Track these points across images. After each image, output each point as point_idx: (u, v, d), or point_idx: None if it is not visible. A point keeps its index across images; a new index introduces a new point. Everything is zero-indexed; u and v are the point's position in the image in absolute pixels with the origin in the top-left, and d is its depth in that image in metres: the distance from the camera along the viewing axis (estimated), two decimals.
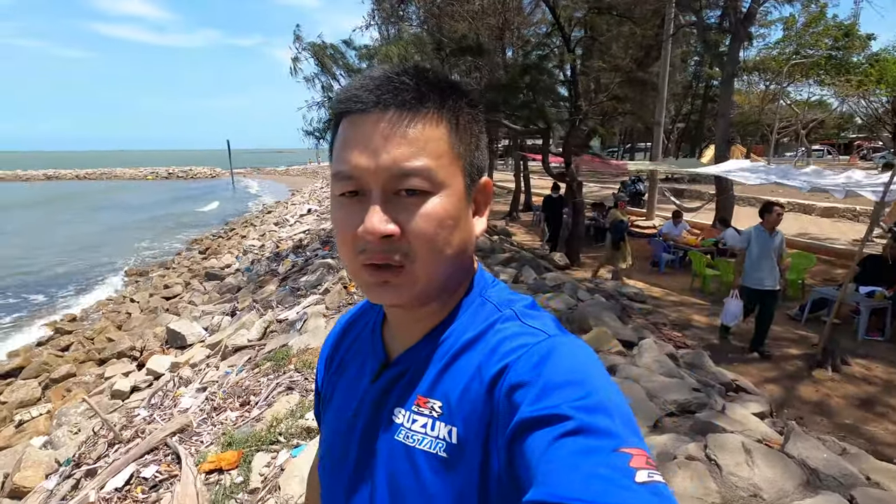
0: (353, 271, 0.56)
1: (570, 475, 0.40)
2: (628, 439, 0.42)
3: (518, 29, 13.82)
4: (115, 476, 3.14)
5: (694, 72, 25.23)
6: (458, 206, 0.55)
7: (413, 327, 0.61)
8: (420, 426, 0.55)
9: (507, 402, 0.49)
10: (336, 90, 9.31)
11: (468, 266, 0.61)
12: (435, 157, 0.53)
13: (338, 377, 0.71)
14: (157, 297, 10.35)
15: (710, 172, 8.63)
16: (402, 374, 0.60)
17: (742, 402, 3.42)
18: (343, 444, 0.63)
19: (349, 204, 0.54)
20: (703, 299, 7.22)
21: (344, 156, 0.53)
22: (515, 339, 0.54)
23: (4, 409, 5.96)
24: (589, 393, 0.45)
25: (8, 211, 27.38)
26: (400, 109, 0.52)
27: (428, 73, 0.56)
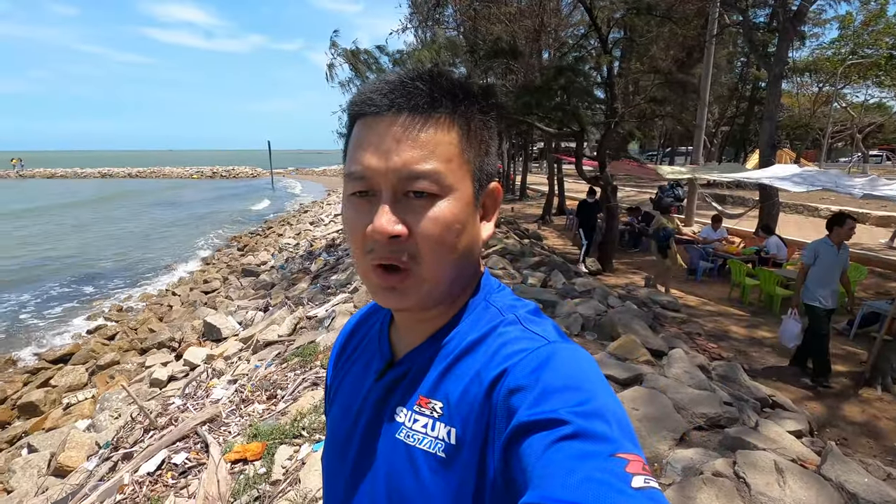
0: (363, 272, 0.57)
1: (566, 479, 0.40)
2: (625, 445, 0.43)
3: (555, 31, 13.69)
4: (148, 461, 3.29)
5: (740, 73, 24.26)
6: (465, 210, 0.56)
7: (418, 328, 0.62)
8: (421, 426, 0.56)
9: (505, 405, 0.49)
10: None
11: (474, 270, 0.62)
12: (444, 161, 0.54)
13: (344, 374, 0.72)
14: (196, 291, 10.78)
15: (750, 178, 8.25)
16: (405, 373, 0.61)
17: (778, 419, 3.25)
18: (346, 438, 0.64)
19: (360, 204, 0.56)
20: (741, 310, 6.93)
21: (357, 156, 0.55)
22: (515, 343, 0.54)
23: (55, 392, 6.33)
24: (587, 399, 0.46)
25: (78, 207, 28.74)
26: (412, 113, 0.54)
27: (442, 78, 0.57)
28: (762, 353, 5.50)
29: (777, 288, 6.68)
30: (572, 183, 22.28)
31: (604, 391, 0.48)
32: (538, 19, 12.34)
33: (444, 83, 0.56)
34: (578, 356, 0.52)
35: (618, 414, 0.46)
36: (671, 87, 9.13)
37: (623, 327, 4.40)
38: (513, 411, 0.48)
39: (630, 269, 9.17)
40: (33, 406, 5.95)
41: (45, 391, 6.29)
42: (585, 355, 0.53)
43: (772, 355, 5.42)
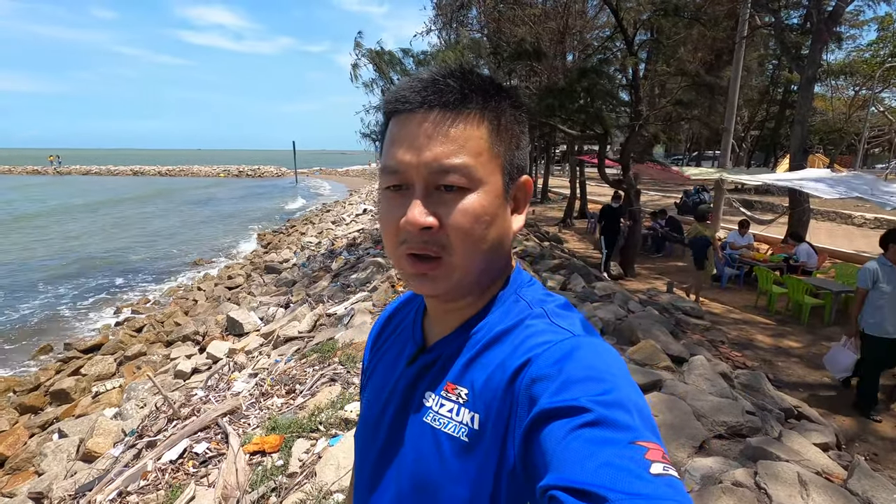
0: (396, 260, 0.60)
1: (584, 463, 0.41)
2: (645, 434, 0.43)
3: (580, 33, 13.56)
4: (170, 449, 3.38)
5: (771, 76, 23.61)
6: (495, 203, 0.57)
7: (449, 317, 0.64)
8: (447, 410, 0.58)
9: (527, 394, 0.51)
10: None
11: (504, 262, 0.64)
12: (474, 156, 0.56)
13: (379, 358, 0.76)
14: (220, 287, 11.03)
15: (780, 182, 8.02)
16: (435, 360, 0.64)
17: (803, 430, 3.16)
18: (377, 419, 0.68)
19: (394, 197, 0.58)
20: (768, 318, 6.74)
21: (391, 152, 0.58)
22: (541, 335, 0.55)
23: (84, 380, 6.56)
24: (609, 389, 0.46)
25: (119, 204, 29.40)
26: (443, 110, 0.56)
27: (473, 75, 0.59)
28: (789, 363, 5.35)
29: (806, 297, 6.48)
30: (594, 186, 22.03)
31: (626, 383, 0.49)
32: (563, 21, 12.24)
33: (476, 80, 0.58)
34: (602, 350, 0.53)
35: (639, 405, 0.46)
36: (699, 90, 8.94)
37: (643, 332, 4.34)
38: (534, 400, 0.49)
39: (653, 275, 9.03)
40: (65, 393, 6.18)
41: (75, 379, 6.52)
42: (610, 349, 0.53)
43: (799, 366, 5.27)
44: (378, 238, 11.14)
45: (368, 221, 15.80)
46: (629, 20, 8.51)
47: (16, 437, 5.19)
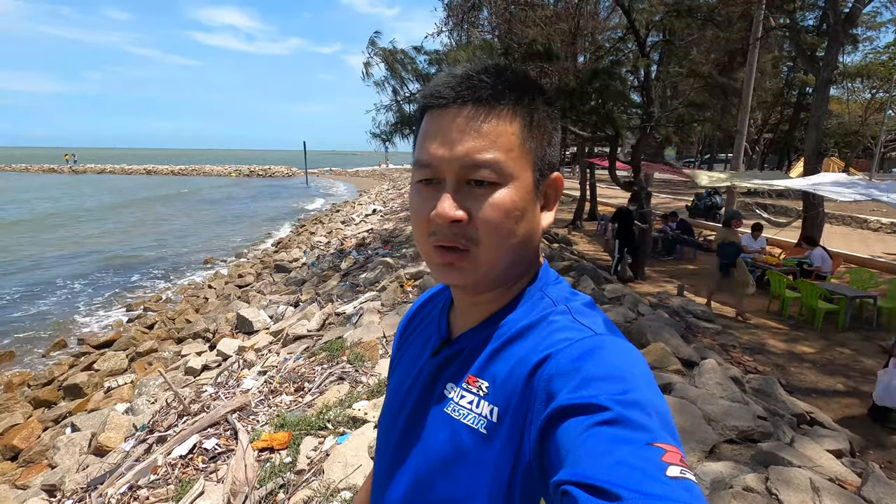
0: (425, 252, 0.61)
1: (599, 460, 0.40)
2: (663, 436, 0.43)
3: (591, 34, 13.49)
4: (181, 444, 3.41)
5: (786, 78, 23.32)
6: (525, 198, 0.58)
7: (474, 311, 0.65)
8: (467, 402, 0.59)
9: (545, 389, 0.51)
10: (404, 93, 9.54)
11: (532, 258, 0.64)
12: (505, 151, 0.56)
13: (406, 347, 0.77)
14: (231, 285, 11.12)
15: (793, 186, 7.91)
16: (458, 352, 0.64)
17: (815, 436, 3.11)
18: (400, 407, 0.69)
19: (425, 190, 0.59)
20: (780, 323, 6.66)
21: (424, 146, 0.59)
22: (562, 332, 0.56)
23: (97, 376, 6.65)
24: (628, 389, 0.46)
25: (143, 205, 29.29)
26: (476, 105, 0.56)
27: (507, 71, 0.60)
28: (801, 368, 5.28)
29: (820, 302, 6.39)
30: (604, 188, 21.91)
31: (647, 384, 0.48)
32: (574, 23, 12.19)
33: (510, 76, 0.59)
34: (624, 350, 0.52)
35: (659, 407, 0.46)
36: (711, 92, 8.86)
37: (653, 335, 4.30)
38: (552, 395, 0.49)
39: (663, 278, 8.95)
40: (77, 388, 6.27)
41: (88, 374, 6.61)
42: (632, 350, 0.53)
43: (812, 371, 5.19)
44: (387, 238, 11.16)
45: (378, 222, 15.85)
46: (641, 21, 8.46)
47: (30, 430, 5.27)
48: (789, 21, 10.18)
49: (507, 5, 12.81)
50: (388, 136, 9.75)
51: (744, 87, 10.87)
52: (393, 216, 16.18)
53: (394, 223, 14.04)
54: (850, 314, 6.42)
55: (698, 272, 9.39)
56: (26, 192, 35.42)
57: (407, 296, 5.82)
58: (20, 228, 19.98)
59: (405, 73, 9.11)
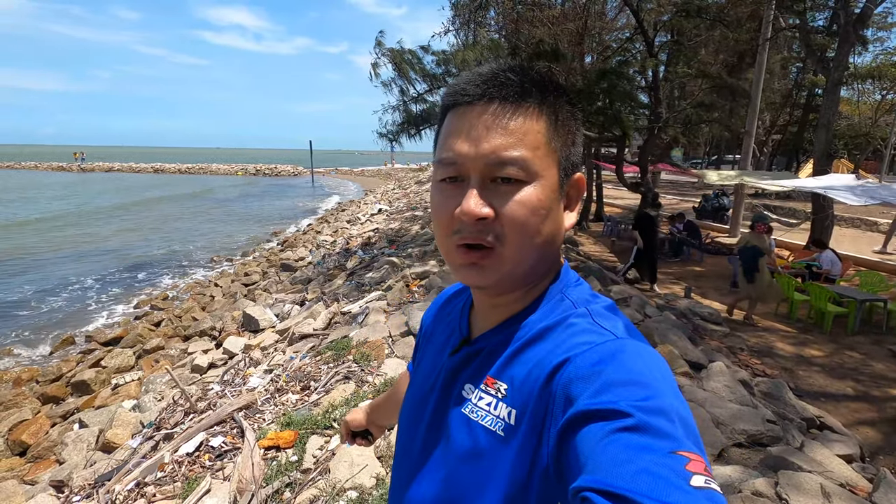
0: (446, 251, 0.60)
1: (621, 467, 0.39)
2: (687, 444, 0.42)
3: (598, 34, 13.44)
4: (187, 442, 3.43)
5: (795, 79, 23.13)
6: (550, 197, 0.58)
7: (494, 312, 0.65)
8: (485, 404, 0.58)
9: (564, 393, 0.50)
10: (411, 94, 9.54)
11: (554, 259, 0.64)
12: (532, 149, 0.56)
13: (427, 343, 0.78)
14: (237, 283, 11.16)
15: (803, 187, 7.84)
16: (477, 352, 0.64)
17: (826, 441, 3.08)
18: (421, 404, 0.70)
19: (449, 188, 0.59)
20: (789, 326, 6.59)
21: (449, 143, 0.58)
22: (581, 335, 0.55)
23: (105, 372, 6.69)
24: (651, 395, 0.45)
25: (156, 204, 28.53)
26: (503, 103, 0.56)
27: (532, 71, 0.59)
28: (810, 371, 5.22)
29: (829, 305, 6.33)
30: (610, 189, 21.82)
31: (670, 390, 0.47)
32: (581, 23, 12.15)
33: (535, 75, 0.59)
34: (646, 355, 0.51)
35: (682, 414, 0.45)
36: (720, 92, 8.80)
37: (660, 337, 4.28)
38: (572, 400, 0.48)
39: (670, 280, 8.89)
40: (85, 384, 6.31)
41: (96, 371, 6.65)
42: (654, 354, 0.52)
43: (821, 375, 5.14)
44: (393, 238, 11.17)
45: (383, 221, 15.87)
46: (650, 21, 8.42)
47: (38, 425, 5.31)
48: (799, 21, 10.09)
49: (514, 5, 12.79)
50: (394, 135, 9.76)
51: (752, 88, 10.79)
52: (398, 216, 16.18)
53: (399, 223, 14.04)
54: (859, 317, 6.35)
55: (705, 274, 9.33)
56: (37, 189, 35.56)
57: (413, 295, 5.81)
58: (33, 227, 19.99)
59: (413, 73, 9.11)
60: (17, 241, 17.05)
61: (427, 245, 9.08)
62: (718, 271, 9.27)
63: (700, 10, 7.85)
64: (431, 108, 9.48)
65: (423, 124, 9.60)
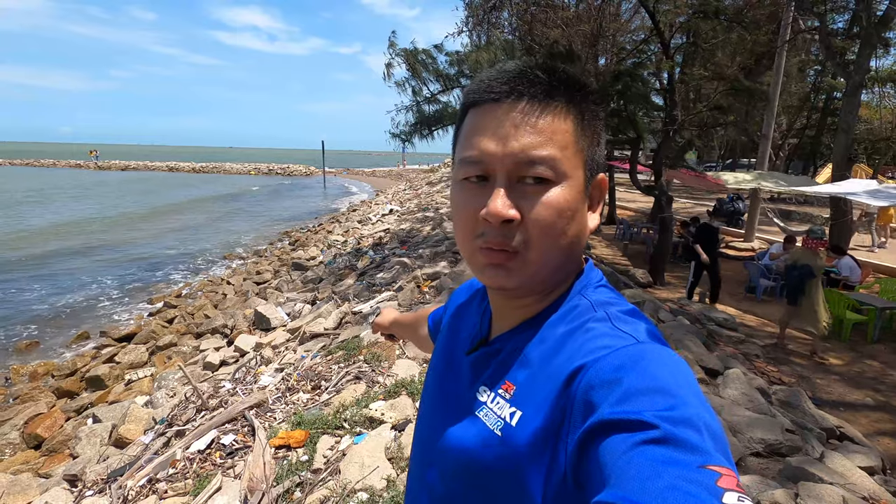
0: (468, 254, 0.59)
1: (648, 483, 0.37)
2: (717, 458, 0.39)
3: (613, 36, 13.35)
4: (199, 439, 3.44)
5: (813, 82, 22.75)
6: (577, 198, 0.56)
7: (512, 313, 0.63)
8: (497, 407, 0.57)
9: (584, 400, 0.48)
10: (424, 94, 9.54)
11: (577, 261, 0.62)
12: (560, 149, 0.54)
13: (445, 339, 0.77)
14: (249, 282, 11.25)
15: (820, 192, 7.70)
16: (495, 353, 0.63)
17: (846, 452, 3.01)
18: (438, 397, 0.70)
19: (472, 188, 0.57)
20: (806, 333, 6.46)
21: (473, 142, 0.57)
22: (600, 339, 0.53)
23: (118, 368, 6.77)
24: (677, 405, 0.43)
25: (180, 211, 26.70)
26: (531, 101, 0.55)
27: (559, 69, 0.58)
28: (828, 380, 5.12)
29: (848, 312, 6.19)
30: (623, 192, 21.63)
31: (696, 398, 0.45)
32: (596, 24, 12.07)
33: (562, 74, 0.57)
34: (669, 359, 0.49)
35: (711, 424, 0.42)
36: (737, 95, 8.68)
37: (675, 343, 4.22)
38: (592, 407, 0.46)
39: (683, 284, 8.78)
40: (99, 380, 6.39)
41: (109, 367, 6.74)
42: (677, 360, 0.49)
43: (839, 384, 5.03)
44: (404, 238, 11.17)
45: (394, 222, 15.89)
46: (666, 23, 8.33)
47: (53, 419, 5.38)
48: (819, 24, 9.92)
49: (527, 6, 12.74)
50: (407, 136, 9.77)
51: (770, 91, 10.64)
52: (409, 216, 16.19)
53: (410, 223, 14.05)
54: (879, 326, 6.22)
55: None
56: (57, 189, 35.21)
57: (424, 296, 5.80)
58: (57, 231, 19.34)
59: (426, 73, 9.11)
60: (35, 250, 16.07)
61: (438, 246, 9.06)
62: (733, 276, 9.13)
63: (718, 11, 7.74)
64: (444, 108, 9.48)
65: (436, 125, 9.60)
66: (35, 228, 19.55)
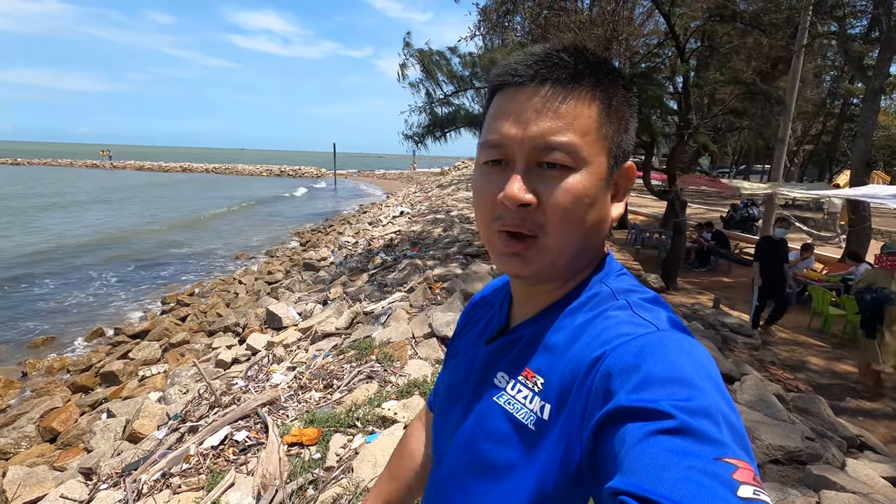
0: (487, 237, 0.59)
1: (661, 472, 0.37)
2: (734, 450, 0.38)
3: (626, 40, 13.29)
4: (212, 435, 3.46)
5: (829, 88, 22.46)
6: (597, 185, 0.55)
7: (533, 301, 0.63)
8: (522, 396, 0.57)
9: (602, 387, 0.48)
10: (437, 96, 9.57)
11: (597, 249, 0.62)
12: (581, 135, 0.54)
13: (465, 333, 0.77)
14: (261, 281, 11.33)
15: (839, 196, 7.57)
16: (515, 341, 0.63)
17: (868, 462, 2.94)
18: (454, 393, 0.69)
19: (492, 172, 0.57)
20: (822, 341, 6.37)
21: (495, 126, 0.57)
22: (620, 326, 0.52)
23: (132, 364, 6.85)
24: (695, 395, 0.42)
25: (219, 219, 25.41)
26: (555, 85, 0.54)
27: (587, 52, 0.57)
28: (846, 388, 5.02)
29: None
30: (635, 197, 21.48)
31: (715, 389, 0.44)
32: (609, 28, 12.03)
33: (590, 57, 0.57)
34: (690, 347, 0.48)
35: (729, 416, 0.42)
36: (753, 99, 8.59)
37: None
38: (609, 394, 0.46)
39: (696, 290, 8.70)
40: (113, 375, 6.46)
41: (123, 363, 6.82)
42: (699, 348, 0.48)
43: (857, 393, 4.94)
44: (415, 240, 11.19)
45: (405, 224, 15.92)
46: (681, 26, 8.27)
47: (68, 413, 5.45)
48: (838, 28, 9.80)
49: (541, 10, 12.74)
50: (420, 137, 9.79)
51: (787, 95, 10.51)
52: (420, 218, 16.21)
53: (421, 225, 14.07)
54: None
55: (733, 285, 9.09)
56: (77, 192, 33.35)
57: (435, 297, 5.80)
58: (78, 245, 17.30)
59: (440, 74, 9.14)
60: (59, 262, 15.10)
61: (449, 248, 9.06)
62: (747, 282, 9.02)
63: (734, 15, 7.68)
64: (457, 110, 9.49)
65: (448, 127, 9.61)
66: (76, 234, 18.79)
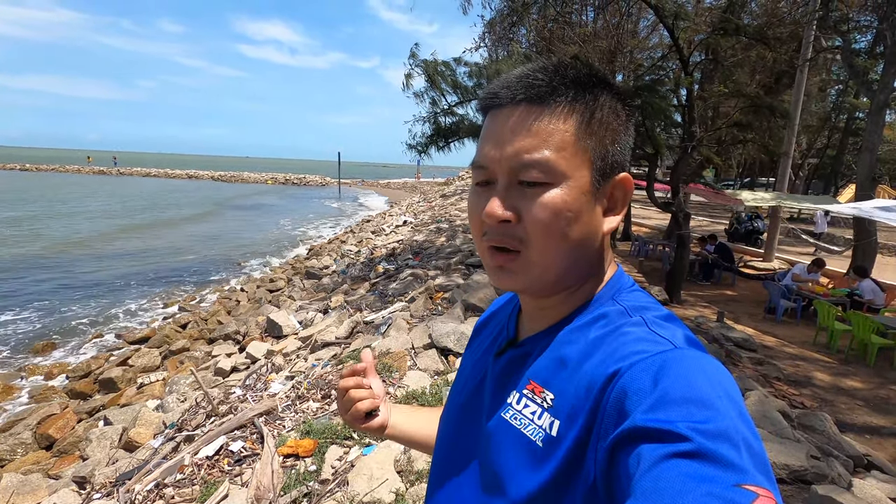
0: (480, 252, 0.61)
1: (678, 499, 0.35)
2: (755, 477, 0.36)
3: (630, 52, 13.36)
4: (208, 445, 3.43)
5: (834, 102, 22.47)
6: (579, 199, 0.55)
7: (541, 315, 0.63)
8: (529, 412, 0.56)
9: (616, 406, 0.47)
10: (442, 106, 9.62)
11: (594, 262, 0.61)
12: (556, 150, 0.54)
13: (475, 346, 0.77)
14: (262, 289, 11.31)
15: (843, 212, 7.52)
16: (523, 356, 0.63)
17: (875, 482, 2.87)
18: (462, 406, 0.69)
19: (481, 192, 0.59)
20: (828, 356, 6.27)
21: (480, 148, 0.60)
22: (636, 344, 0.51)
23: (131, 371, 6.82)
24: (713, 417, 0.40)
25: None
26: (529, 104, 0.56)
27: (567, 68, 0.57)
28: (852, 405, 4.94)
29: (873, 336, 6.00)
30: (638, 209, 21.46)
31: (735, 411, 0.41)
32: (613, 40, 12.10)
33: (569, 72, 0.57)
34: (708, 367, 0.46)
35: (749, 440, 0.39)
36: (757, 112, 8.58)
37: None
38: (624, 414, 0.44)
39: (700, 303, 8.62)
40: (112, 382, 6.43)
41: (123, 369, 6.78)
42: (718, 367, 0.46)
43: (864, 410, 4.85)
44: (417, 250, 11.18)
45: (408, 233, 15.92)
46: (685, 40, 8.29)
47: (65, 420, 5.42)
48: (842, 42, 9.81)
49: (545, 23, 12.84)
50: (424, 147, 9.82)
51: (791, 109, 10.51)
52: (423, 228, 16.22)
53: (424, 235, 14.06)
54: None
55: (737, 298, 9.01)
56: (87, 198, 33.36)
57: (436, 307, 5.76)
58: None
59: (444, 84, 9.19)
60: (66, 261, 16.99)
61: (451, 258, 9.03)
62: (752, 296, 8.95)
63: (738, 29, 7.69)
64: (461, 120, 9.52)
65: (452, 137, 9.64)
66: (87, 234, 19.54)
